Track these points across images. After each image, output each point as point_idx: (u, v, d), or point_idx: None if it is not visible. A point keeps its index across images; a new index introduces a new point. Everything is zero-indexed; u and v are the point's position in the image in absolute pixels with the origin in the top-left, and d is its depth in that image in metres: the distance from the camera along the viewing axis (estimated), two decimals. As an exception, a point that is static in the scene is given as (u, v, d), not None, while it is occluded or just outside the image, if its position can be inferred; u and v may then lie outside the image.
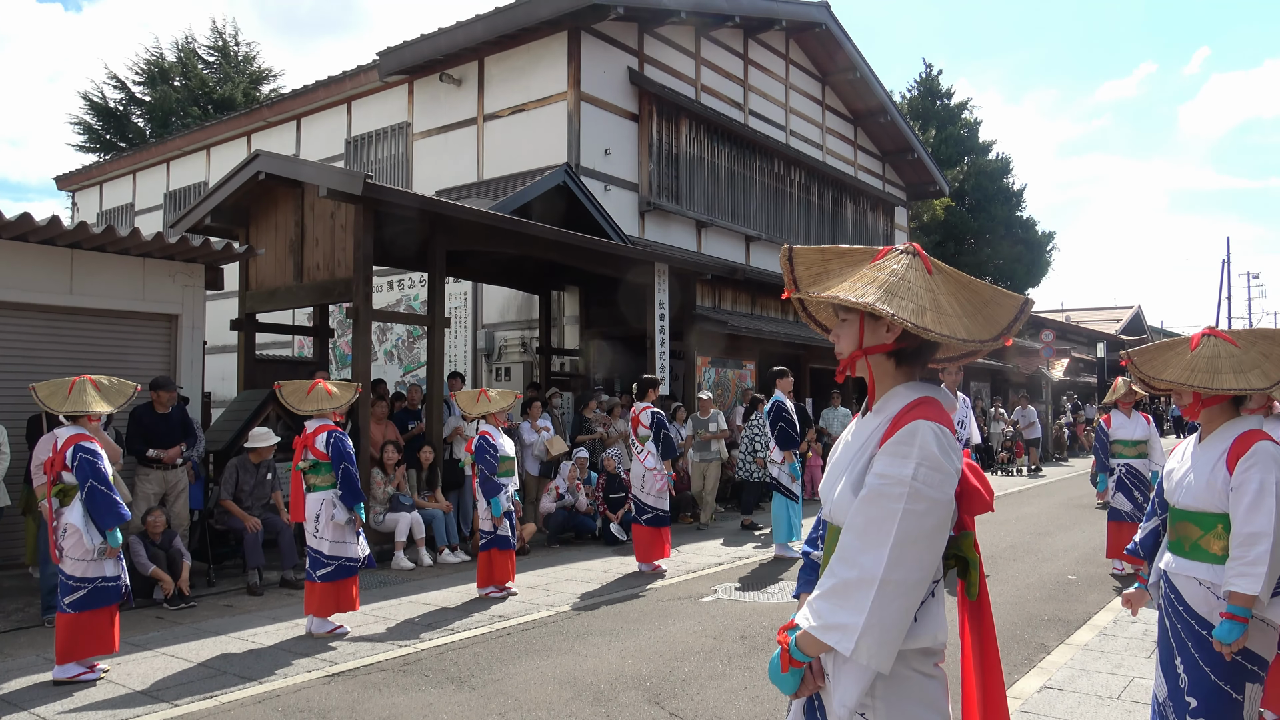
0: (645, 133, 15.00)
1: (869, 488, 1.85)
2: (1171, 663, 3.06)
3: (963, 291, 1.93)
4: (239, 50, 30.40)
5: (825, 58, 19.87)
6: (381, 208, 8.96)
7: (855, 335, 2.01)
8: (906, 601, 1.79)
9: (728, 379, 14.66)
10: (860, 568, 1.79)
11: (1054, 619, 6.50)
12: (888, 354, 2.00)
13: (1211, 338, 3.08)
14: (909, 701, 1.88)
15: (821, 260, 1.99)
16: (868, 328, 1.99)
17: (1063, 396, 28.52)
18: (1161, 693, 3.11)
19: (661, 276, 12.33)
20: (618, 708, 4.64)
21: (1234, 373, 2.94)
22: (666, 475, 8.50)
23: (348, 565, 6.30)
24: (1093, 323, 38.23)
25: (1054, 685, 4.95)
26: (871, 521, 1.81)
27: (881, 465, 1.85)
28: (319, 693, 4.94)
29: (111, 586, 5.30)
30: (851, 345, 2.02)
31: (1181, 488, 3.17)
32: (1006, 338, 1.87)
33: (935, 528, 1.81)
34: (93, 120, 28.72)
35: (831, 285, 1.92)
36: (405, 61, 15.05)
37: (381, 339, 15.64)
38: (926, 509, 1.79)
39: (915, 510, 1.79)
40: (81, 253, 7.99)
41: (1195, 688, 2.94)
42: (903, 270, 1.91)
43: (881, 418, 1.97)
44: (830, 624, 1.80)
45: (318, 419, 6.43)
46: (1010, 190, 32.74)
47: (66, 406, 5.33)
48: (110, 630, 5.30)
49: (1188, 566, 3.08)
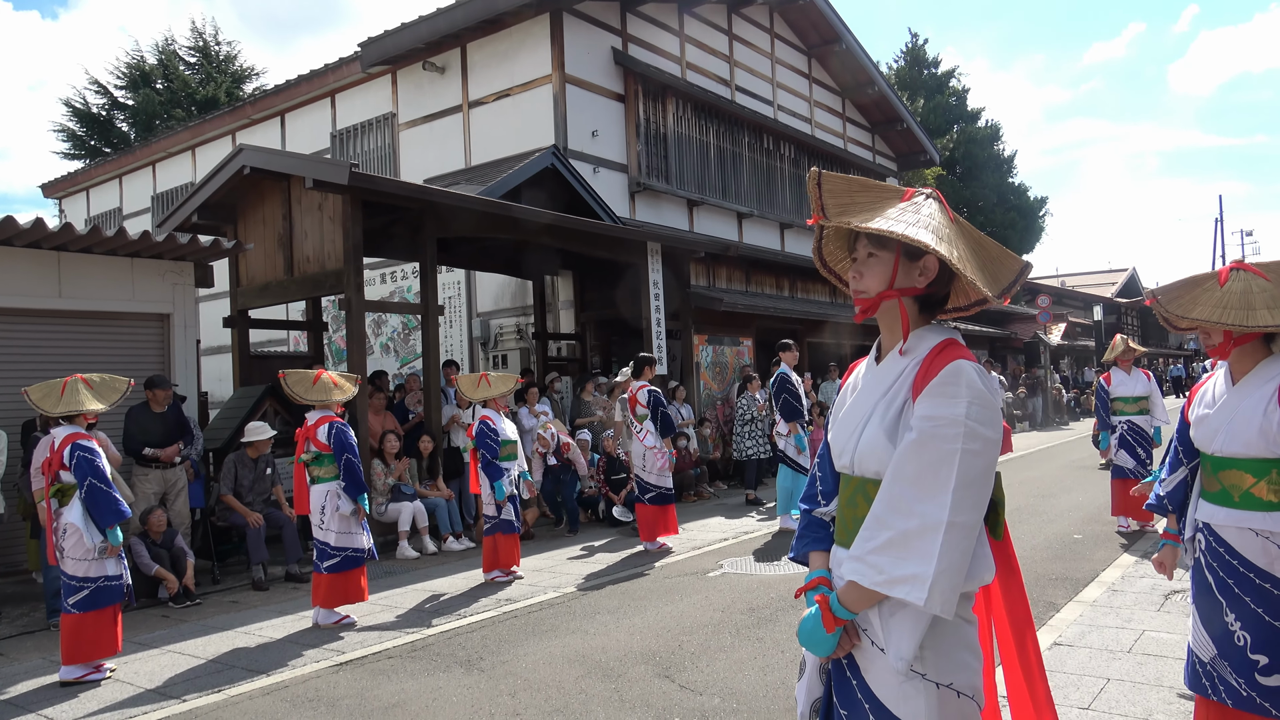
0: (632, 113, 14.89)
1: (919, 432, 1.77)
2: (1221, 620, 2.82)
3: (975, 244, 1.89)
4: (220, 50, 30.16)
5: (810, 30, 19.72)
6: (369, 197, 8.90)
7: (888, 274, 1.91)
8: (969, 544, 1.74)
9: (725, 357, 14.62)
10: (921, 515, 1.72)
11: (1062, 577, 6.49)
12: (915, 297, 1.93)
13: (1241, 271, 2.81)
14: (955, 647, 1.83)
15: (849, 190, 1.89)
16: (902, 268, 1.90)
17: (1061, 362, 28.54)
18: (1207, 652, 2.86)
19: (654, 256, 12.27)
20: (627, 683, 4.62)
21: (1269, 308, 2.68)
22: (667, 453, 8.46)
23: (354, 556, 6.28)
24: (1088, 287, 38.24)
25: (1064, 642, 4.93)
26: (927, 467, 1.74)
27: (928, 408, 1.78)
28: (327, 682, 4.92)
29: (114, 586, 5.26)
30: (881, 284, 1.92)
31: (1224, 434, 2.89)
32: (1005, 296, 1.83)
33: (990, 465, 1.77)
34: (76, 126, 28.49)
35: (864, 216, 1.84)
36: (387, 51, 14.92)
37: (377, 332, 15.59)
38: (982, 447, 1.74)
39: (972, 449, 1.73)
40: (69, 255, 7.92)
41: (1263, 645, 2.71)
42: (935, 213, 1.86)
43: (910, 360, 1.90)
44: (896, 577, 1.73)
45: (319, 410, 6.39)
46: (1001, 157, 32.65)
47: (61, 407, 5.28)
48: (113, 630, 5.27)
49: (1240, 517, 2.83)
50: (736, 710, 4.16)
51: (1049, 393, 24.98)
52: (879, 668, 1.84)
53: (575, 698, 4.44)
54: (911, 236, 1.76)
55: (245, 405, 9.27)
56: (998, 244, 1.93)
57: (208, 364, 14.55)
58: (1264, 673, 2.69)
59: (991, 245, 1.91)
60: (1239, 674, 2.74)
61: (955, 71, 33.68)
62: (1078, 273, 46.16)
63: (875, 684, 1.84)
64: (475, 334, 14.65)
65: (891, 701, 1.82)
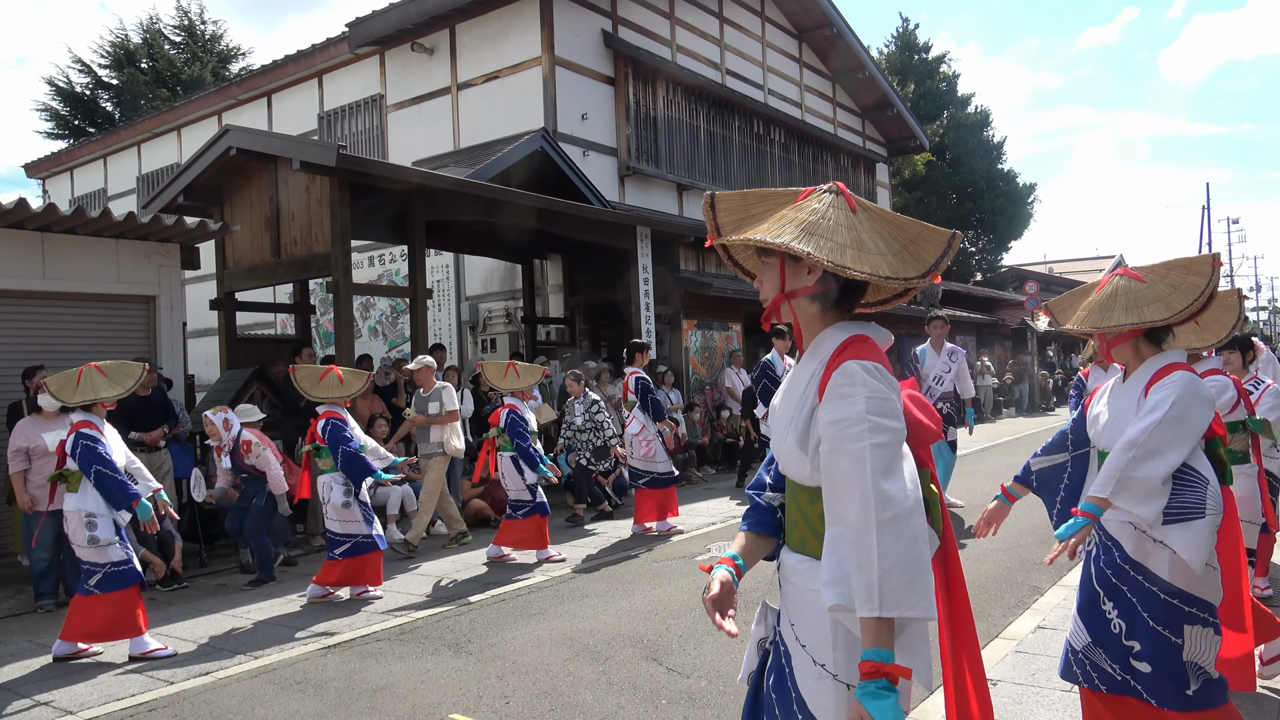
0: (622, 96, 14.82)
1: (827, 440, 1.78)
2: (1098, 609, 2.89)
3: (888, 229, 1.86)
4: (205, 29, 29.83)
5: (801, 14, 19.65)
6: (357, 179, 8.84)
7: (777, 279, 1.94)
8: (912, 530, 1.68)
9: (714, 342, 14.63)
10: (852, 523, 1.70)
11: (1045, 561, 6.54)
12: (810, 297, 1.93)
13: (1120, 276, 2.94)
14: None
15: (744, 204, 1.93)
16: (789, 270, 1.92)
17: (1048, 348, 28.69)
18: (1080, 641, 2.93)
19: (644, 240, 12.24)
20: (615, 665, 4.65)
21: (1126, 308, 2.81)
22: (654, 438, 8.46)
23: (364, 541, 6.43)
24: (1076, 273, 38.36)
25: (1048, 625, 4.98)
26: (845, 472, 1.72)
27: (830, 413, 1.78)
28: (315, 664, 4.93)
29: (121, 571, 5.29)
30: (774, 289, 1.95)
31: (1107, 430, 2.99)
32: (935, 274, 1.80)
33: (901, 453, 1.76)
34: (60, 106, 28.15)
35: (754, 227, 1.86)
36: (375, 32, 14.79)
37: (365, 315, 15.53)
38: (889, 438, 1.73)
39: (880, 442, 1.72)
40: (53, 236, 7.85)
41: (1135, 632, 2.80)
42: (824, 209, 1.85)
43: (815, 363, 1.91)
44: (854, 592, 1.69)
45: (328, 405, 6.60)
46: (990, 143, 32.62)
47: (78, 397, 5.31)
48: (129, 614, 5.28)
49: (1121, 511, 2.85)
50: (723, 693, 4.19)
51: (1035, 379, 25.13)
52: (801, 660, 1.89)
53: (563, 680, 4.46)
54: (769, 240, 1.78)
55: (232, 388, 9.23)
56: (919, 223, 1.89)
57: (194, 347, 14.48)
58: (1137, 658, 2.81)
59: (910, 225, 1.88)
60: (1114, 660, 2.84)
61: (946, 57, 33.64)
62: (1066, 259, 46.27)
63: (799, 673, 1.90)
64: (464, 318, 14.61)
65: (808, 694, 1.86)
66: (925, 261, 1.81)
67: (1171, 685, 2.74)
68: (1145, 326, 2.83)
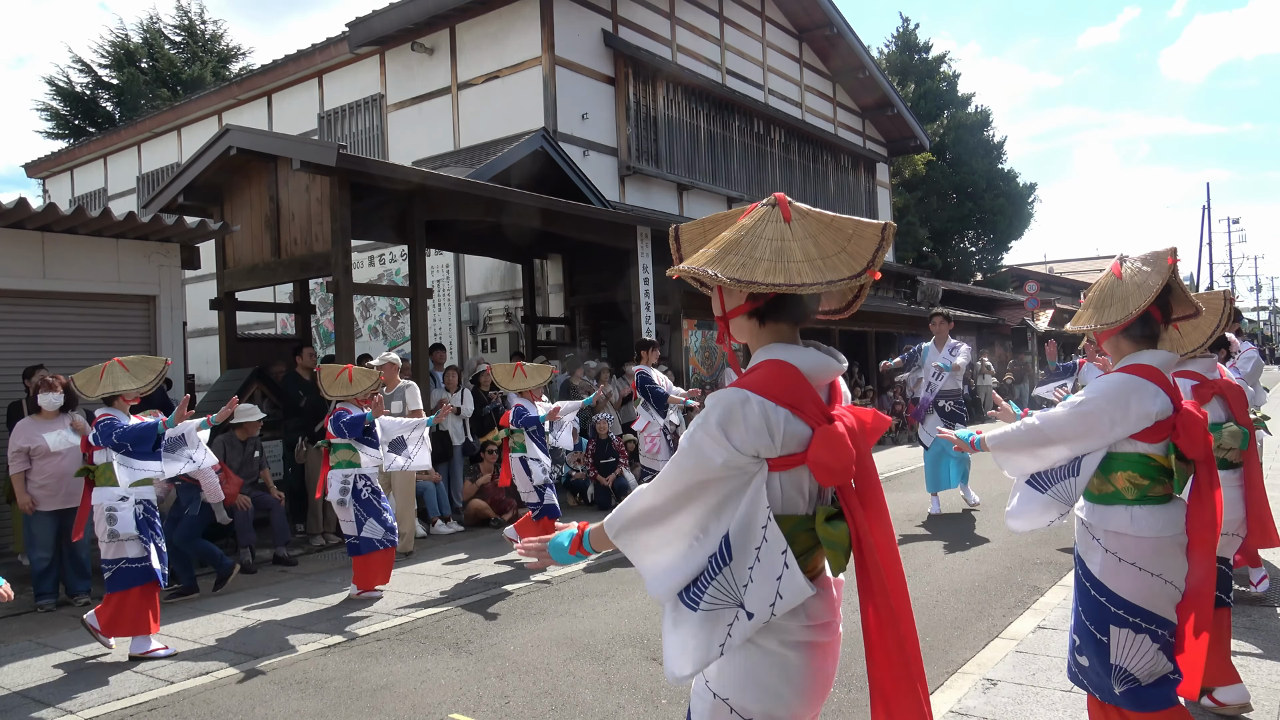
0: (622, 96, 14.81)
1: None
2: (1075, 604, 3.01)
3: (826, 233, 1.84)
4: (206, 29, 29.80)
5: (802, 14, 19.63)
6: (357, 179, 8.83)
7: (718, 301, 1.99)
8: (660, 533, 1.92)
9: (715, 342, 14.62)
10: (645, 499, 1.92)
11: (1046, 562, 6.55)
12: (747, 315, 1.94)
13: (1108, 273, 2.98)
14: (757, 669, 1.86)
15: (702, 231, 1.99)
16: (725, 291, 1.96)
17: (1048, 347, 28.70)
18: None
19: (644, 240, 12.24)
20: (615, 665, 4.65)
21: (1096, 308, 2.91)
22: (659, 434, 8.45)
23: (353, 543, 6.48)
24: (1076, 273, 38.40)
25: (1048, 625, 4.98)
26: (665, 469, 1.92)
27: None
28: (315, 665, 4.93)
29: (135, 568, 5.26)
30: (719, 309, 2.00)
31: None
32: (873, 270, 1.78)
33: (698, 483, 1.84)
34: (60, 106, 28.12)
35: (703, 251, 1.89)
36: (375, 32, 14.78)
37: (365, 315, 15.52)
38: (694, 465, 1.83)
39: (683, 449, 1.85)
40: (53, 236, 7.85)
41: (1077, 627, 2.89)
42: (752, 224, 1.86)
43: None
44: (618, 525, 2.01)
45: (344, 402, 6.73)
46: (990, 143, 32.58)
47: (100, 390, 5.33)
48: (141, 613, 5.25)
49: (1079, 506, 2.95)
50: (723, 693, 4.18)
51: (1035, 378, 25.13)
52: None
53: (563, 680, 4.46)
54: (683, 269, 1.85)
55: (232, 388, 9.22)
56: (855, 220, 1.86)
57: (194, 346, 14.49)
58: (1079, 652, 2.89)
59: (847, 225, 1.85)
60: (1069, 651, 2.97)
61: (946, 57, 33.59)
62: (1066, 259, 46.30)
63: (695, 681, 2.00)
64: (464, 317, 14.60)
65: (693, 692, 1.99)
66: (862, 258, 1.79)
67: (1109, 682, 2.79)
68: (1105, 330, 2.85)
